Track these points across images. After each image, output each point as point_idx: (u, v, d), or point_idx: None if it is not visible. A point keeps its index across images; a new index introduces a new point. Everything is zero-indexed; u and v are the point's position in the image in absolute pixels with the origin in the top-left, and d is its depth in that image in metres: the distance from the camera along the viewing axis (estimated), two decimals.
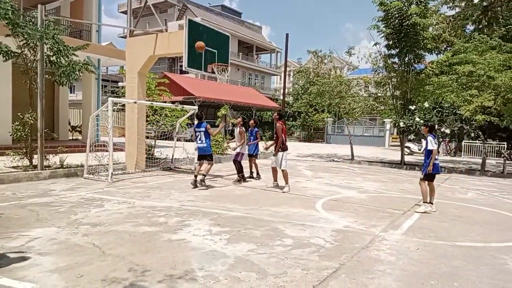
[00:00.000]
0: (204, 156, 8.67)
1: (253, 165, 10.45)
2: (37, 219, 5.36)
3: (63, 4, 17.75)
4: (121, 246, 4.35)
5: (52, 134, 11.27)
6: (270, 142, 9.30)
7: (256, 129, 10.43)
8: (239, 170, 9.58)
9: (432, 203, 6.93)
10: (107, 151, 9.39)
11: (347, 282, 3.60)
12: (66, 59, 9.52)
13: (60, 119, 18.10)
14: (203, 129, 8.58)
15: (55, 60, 9.41)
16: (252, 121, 10.53)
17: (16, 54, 9.04)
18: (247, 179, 10.02)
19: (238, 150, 9.76)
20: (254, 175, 10.41)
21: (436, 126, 13.67)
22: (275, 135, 8.57)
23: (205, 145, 8.57)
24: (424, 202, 6.90)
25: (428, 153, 6.86)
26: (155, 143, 12.62)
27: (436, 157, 6.85)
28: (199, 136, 8.60)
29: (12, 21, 8.51)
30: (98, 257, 3.99)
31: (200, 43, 9.21)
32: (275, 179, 8.98)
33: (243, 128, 9.92)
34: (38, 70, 9.13)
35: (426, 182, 6.94)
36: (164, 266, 3.80)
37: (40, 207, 6.09)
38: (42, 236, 4.59)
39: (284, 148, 8.47)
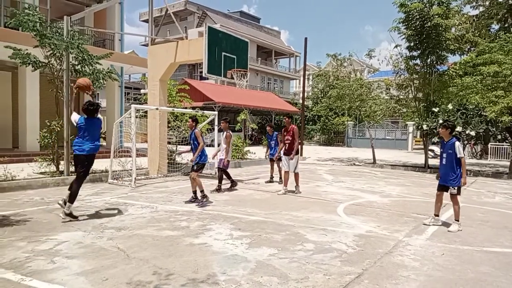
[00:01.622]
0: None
1: (274, 169, 10.46)
2: (64, 224, 5.53)
3: (87, 15, 18.30)
4: (144, 250, 4.44)
5: None
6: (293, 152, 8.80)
7: (276, 132, 10.43)
8: (221, 178, 8.79)
9: (438, 215, 6.12)
10: (130, 156, 9.60)
11: None
12: (91, 67, 9.81)
13: None
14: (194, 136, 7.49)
15: (80, 69, 9.72)
16: (269, 127, 10.53)
17: (43, 64, 9.39)
18: (269, 182, 10.04)
19: (221, 156, 8.86)
20: (276, 178, 10.38)
21: (460, 128, 13.33)
22: (289, 139, 8.53)
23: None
24: (455, 220, 5.84)
25: (457, 162, 5.76)
26: (176, 148, 12.80)
27: None
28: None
29: (39, 33, 8.87)
30: (123, 260, 4.08)
31: (82, 82, 6.25)
32: (286, 184, 8.71)
33: (230, 132, 9.01)
34: (64, 79, 9.44)
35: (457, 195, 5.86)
36: (187, 270, 3.85)
37: None
38: (69, 240, 4.73)
39: (297, 152, 8.69)
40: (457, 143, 5.84)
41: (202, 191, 7.23)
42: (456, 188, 5.82)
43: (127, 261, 4.07)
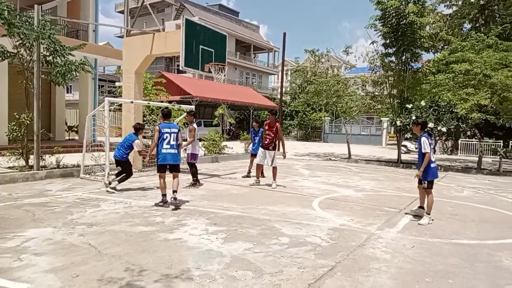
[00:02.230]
0: (175, 166, 6.77)
1: (253, 164, 10.46)
2: (33, 220, 5.35)
3: (59, 4, 17.68)
4: (117, 245, 4.35)
5: (48, 134, 11.25)
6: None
7: (261, 129, 10.14)
8: (194, 173, 8.67)
9: (423, 207, 6.23)
10: (103, 151, 9.38)
11: (342, 280, 3.61)
12: (63, 58, 9.49)
13: (57, 119, 18.05)
14: (176, 130, 6.70)
15: (52, 60, 9.39)
16: (255, 123, 10.47)
17: (12, 54, 9.01)
18: (246, 177, 10.05)
19: (188, 151, 8.74)
20: (253, 173, 10.37)
21: (432, 124, 13.72)
22: (270, 135, 8.80)
23: (175, 151, 6.68)
24: (427, 214, 5.99)
25: (423, 157, 5.96)
26: (152, 142, 12.59)
27: (433, 159, 6.01)
28: (167, 139, 6.57)
29: (8, 21, 8.48)
30: (94, 256, 3.99)
31: None
32: (259, 176, 9.18)
33: (194, 125, 8.64)
34: (34, 70, 9.10)
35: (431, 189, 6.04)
36: (161, 265, 3.80)
37: (36, 208, 6.08)
38: (38, 237, 4.58)
39: (275, 147, 9.01)
40: (423, 139, 6.01)
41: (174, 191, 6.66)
42: (426, 182, 6.03)
43: (99, 257, 3.98)
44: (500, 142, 21.75)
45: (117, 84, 34.02)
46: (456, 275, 3.86)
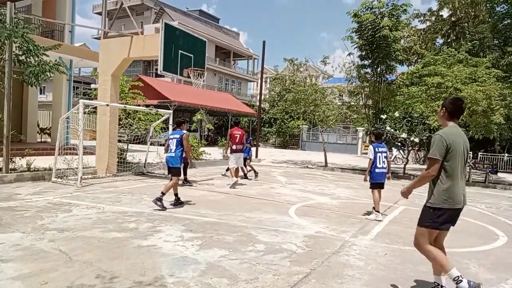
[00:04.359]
0: (169, 168, 7.11)
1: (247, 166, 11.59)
2: (0, 224, 5.14)
3: (34, 3, 17.21)
4: (89, 252, 4.24)
5: (19, 135, 10.89)
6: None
7: (250, 138, 11.95)
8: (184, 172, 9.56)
9: (379, 211, 6.85)
10: (77, 154, 9.14)
11: (317, 287, 3.64)
12: (36, 58, 9.22)
13: (28, 121, 17.45)
14: (178, 136, 7.10)
15: (25, 60, 9.11)
16: (244, 131, 11.29)
17: None
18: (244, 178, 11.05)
19: None
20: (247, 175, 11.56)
21: (405, 134, 14.11)
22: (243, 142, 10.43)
23: (173, 155, 6.99)
24: (375, 210, 6.81)
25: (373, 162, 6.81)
26: (127, 147, 12.38)
27: (382, 165, 6.81)
28: (170, 144, 7.12)
29: None
30: (65, 263, 3.87)
31: None
32: (236, 176, 10.00)
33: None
34: (6, 69, 8.80)
35: (376, 190, 6.89)
36: (133, 272, 3.73)
37: (4, 212, 5.84)
38: (5, 242, 4.40)
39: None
40: (370, 147, 6.98)
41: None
42: (370, 183, 6.99)
43: (69, 264, 3.86)
44: (470, 153, 22.58)
45: (92, 86, 33.31)
46: (426, 282, 3.96)
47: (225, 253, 4.45)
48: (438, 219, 3.41)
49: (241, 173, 10.99)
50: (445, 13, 23.41)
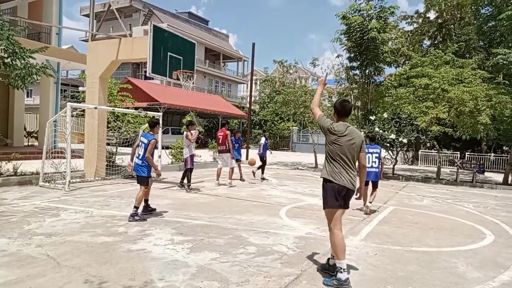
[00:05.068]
0: (137, 177, 6.34)
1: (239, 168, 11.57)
2: None
3: (20, 5, 16.97)
4: (77, 257, 4.18)
5: (5, 139, 10.71)
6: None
7: (241, 138, 11.91)
8: (189, 179, 9.34)
9: (367, 206, 7.58)
10: (64, 158, 9.02)
11: None
12: (22, 61, 9.07)
13: (15, 124, 17.17)
14: (146, 141, 6.17)
15: (10, 63, 8.95)
16: (238, 133, 11.64)
17: None
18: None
19: (187, 155, 9.27)
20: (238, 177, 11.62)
21: (394, 135, 14.25)
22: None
23: (140, 162, 6.23)
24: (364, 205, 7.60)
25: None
26: (116, 150, 12.26)
27: (371, 164, 7.56)
28: (138, 149, 6.35)
29: None
30: (52, 268, 3.81)
31: None
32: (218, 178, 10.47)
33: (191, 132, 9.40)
34: None
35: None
36: (123, 277, 3.68)
37: None
38: None
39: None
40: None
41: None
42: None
43: (57, 269, 3.80)
44: (457, 153, 22.90)
45: (80, 89, 32.92)
46: (416, 281, 4.00)
47: (216, 256, 4.43)
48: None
49: (238, 174, 11.57)
50: (432, 15, 23.76)
